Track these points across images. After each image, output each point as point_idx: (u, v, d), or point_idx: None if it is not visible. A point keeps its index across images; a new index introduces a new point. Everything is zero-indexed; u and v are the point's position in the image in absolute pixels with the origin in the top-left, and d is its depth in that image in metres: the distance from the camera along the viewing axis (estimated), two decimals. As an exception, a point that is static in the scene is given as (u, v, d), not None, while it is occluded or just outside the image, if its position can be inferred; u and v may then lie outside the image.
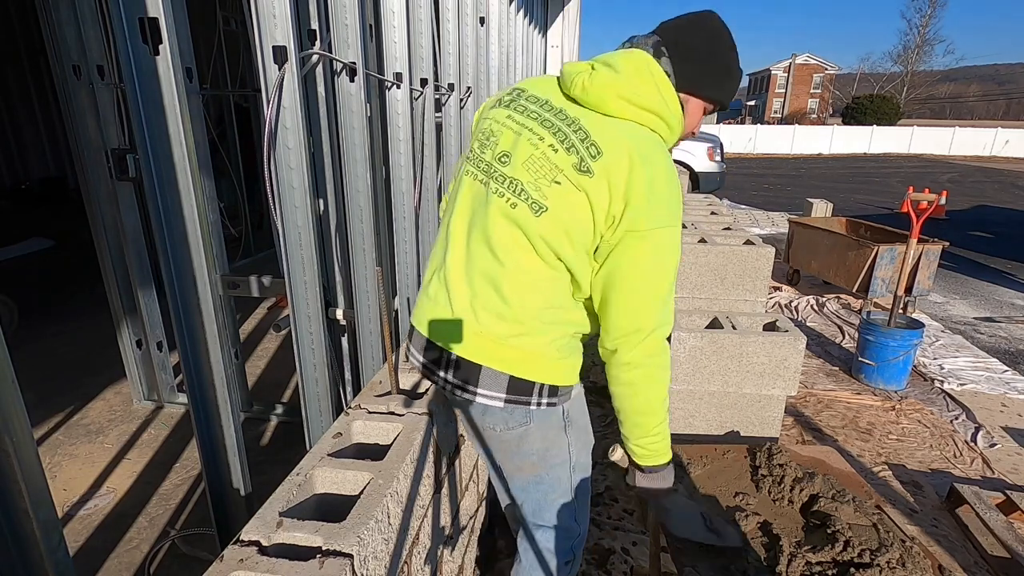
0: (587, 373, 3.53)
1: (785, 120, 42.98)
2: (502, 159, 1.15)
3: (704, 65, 1.16)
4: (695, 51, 1.14)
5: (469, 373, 1.17)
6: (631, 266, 1.09)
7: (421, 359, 1.25)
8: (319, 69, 1.86)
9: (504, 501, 1.47)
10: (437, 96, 2.83)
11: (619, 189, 1.05)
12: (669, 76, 1.13)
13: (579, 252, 1.12)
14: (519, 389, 1.17)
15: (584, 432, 1.34)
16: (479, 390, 1.18)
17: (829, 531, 1.29)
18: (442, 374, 1.21)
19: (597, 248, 1.12)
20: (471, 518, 1.93)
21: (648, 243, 1.07)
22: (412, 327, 1.29)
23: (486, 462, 1.38)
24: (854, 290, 4.59)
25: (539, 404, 1.19)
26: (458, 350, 1.17)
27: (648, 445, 1.20)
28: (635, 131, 1.10)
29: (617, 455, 1.30)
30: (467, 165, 1.23)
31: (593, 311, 1.21)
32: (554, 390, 1.20)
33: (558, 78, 1.19)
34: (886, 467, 2.64)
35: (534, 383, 1.18)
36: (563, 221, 1.09)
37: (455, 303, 1.17)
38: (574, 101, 1.14)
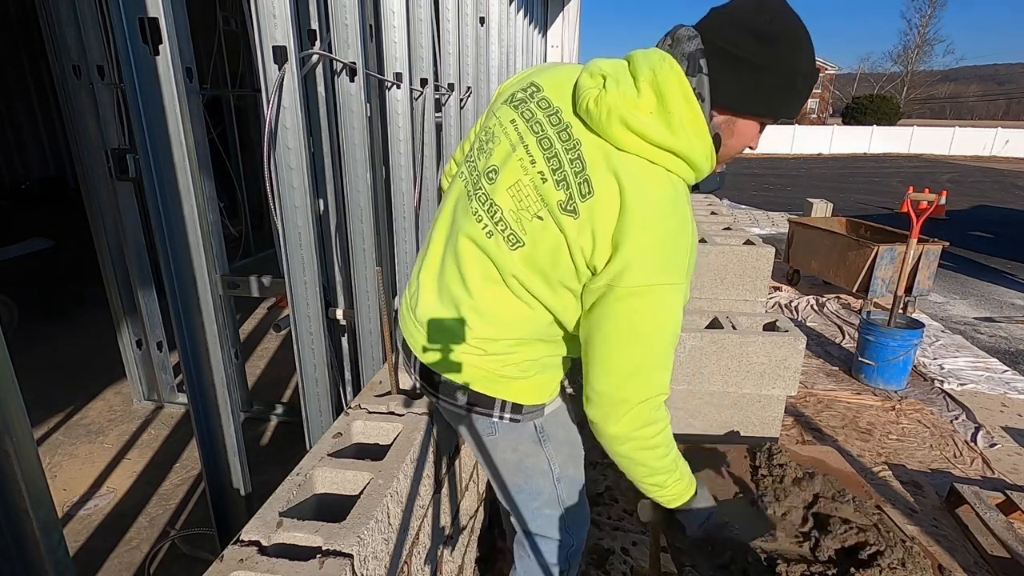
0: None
1: (785, 120, 42.87)
2: (489, 175, 1.03)
3: (758, 79, 0.91)
4: (746, 62, 0.90)
5: (431, 378, 1.15)
6: (618, 325, 0.94)
7: (416, 377, 1.22)
8: (319, 69, 1.86)
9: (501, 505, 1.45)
10: (437, 96, 2.83)
11: (605, 237, 0.91)
12: (702, 101, 0.91)
13: (559, 292, 1.00)
14: (479, 401, 1.12)
15: (568, 445, 1.24)
16: (441, 396, 1.15)
17: (829, 531, 1.29)
18: (415, 374, 1.20)
19: (582, 293, 0.99)
20: (471, 518, 1.93)
21: (642, 301, 0.91)
22: (403, 339, 1.27)
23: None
24: (854, 290, 4.59)
25: (501, 418, 1.12)
26: (419, 355, 1.14)
27: (670, 493, 1.11)
28: (638, 170, 0.92)
29: (646, 514, 1.22)
30: (464, 164, 1.14)
31: (570, 342, 1.11)
32: (518, 408, 1.12)
33: (583, 71, 1.00)
34: (886, 467, 2.64)
35: (494, 399, 1.11)
36: (539, 261, 0.98)
37: (420, 313, 1.13)
38: (576, 114, 0.97)
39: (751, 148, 1.04)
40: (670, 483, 1.09)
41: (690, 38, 0.92)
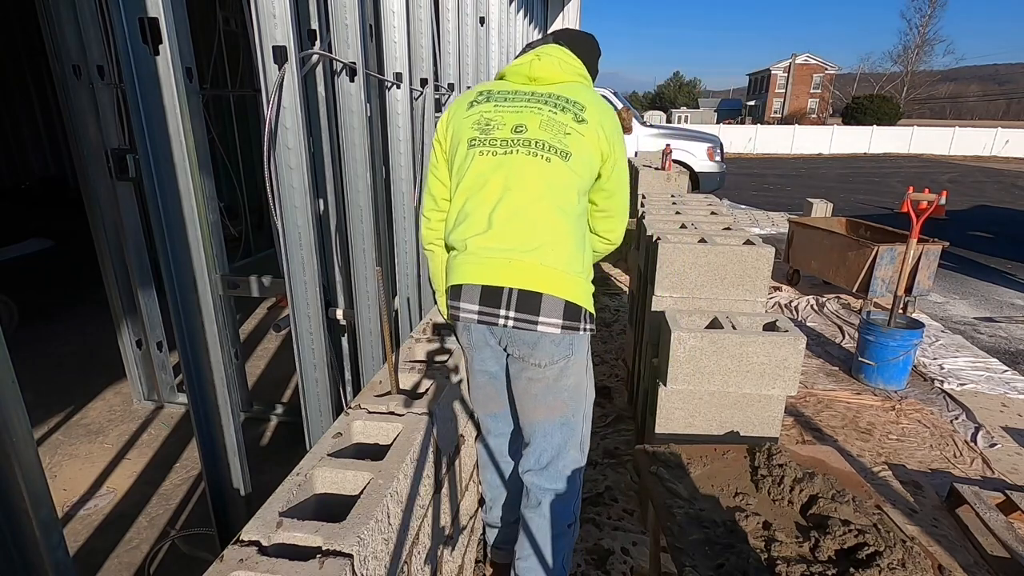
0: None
1: (785, 120, 42.96)
2: (518, 130, 1.41)
3: (582, 50, 1.59)
4: (578, 42, 1.60)
5: (531, 304, 1.34)
6: (624, 181, 1.53)
7: (476, 308, 1.38)
8: (319, 69, 1.86)
9: (507, 470, 1.71)
10: (437, 96, 2.83)
11: (604, 129, 1.43)
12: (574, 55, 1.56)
13: (593, 177, 1.46)
14: (571, 314, 1.36)
15: (592, 378, 1.58)
16: (541, 318, 1.35)
17: (829, 531, 1.29)
18: (503, 312, 1.36)
19: (599, 174, 1.47)
20: (471, 518, 1.93)
21: (624, 163, 1.51)
22: (459, 285, 1.41)
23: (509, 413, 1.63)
24: (854, 290, 4.59)
25: (584, 329, 1.40)
26: (521, 284, 1.34)
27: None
28: (587, 87, 1.52)
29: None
30: (474, 152, 1.42)
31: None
32: (591, 316, 1.42)
33: (501, 78, 1.56)
34: (886, 467, 2.64)
35: (581, 308, 1.38)
36: (583, 159, 1.40)
37: (513, 248, 1.35)
38: (533, 81, 1.48)
39: None
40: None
41: (545, 40, 1.59)
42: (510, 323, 1.36)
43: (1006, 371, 3.71)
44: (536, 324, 1.34)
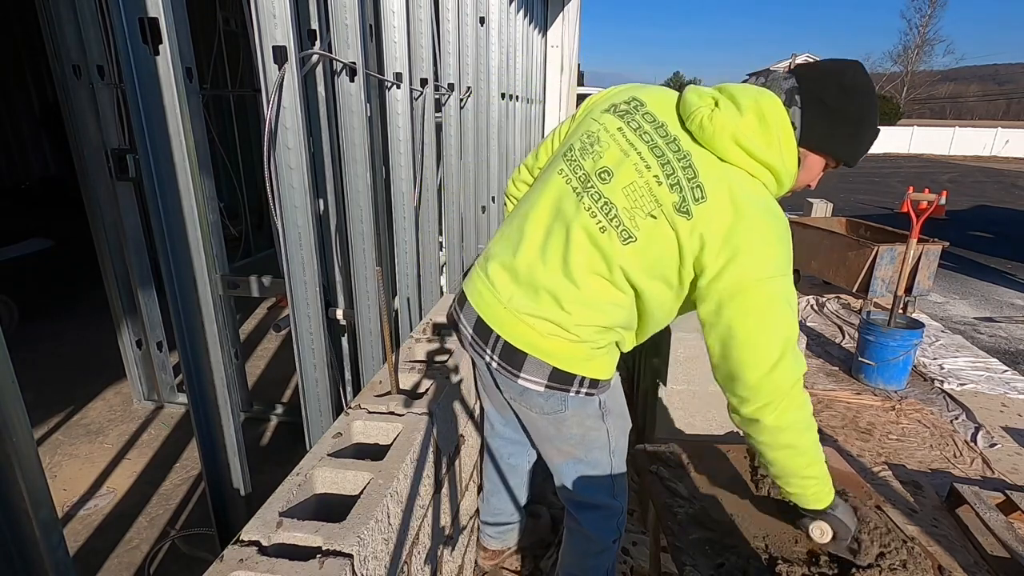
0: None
1: (785, 120, 42.83)
2: (602, 175, 1.15)
3: (836, 124, 1.10)
4: (830, 108, 1.08)
5: (514, 358, 1.24)
6: (760, 316, 1.04)
7: (470, 333, 1.32)
8: (319, 69, 1.86)
9: (507, 471, 1.68)
10: (437, 96, 2.83)
11: (717, 238, 1.04)
12: (795, 128, 1.09)
13: (655, 285, 1.15)
14: (560, 379, 1.24)
15: (621, 418, 1.41)
16: (522, 374, 1.25)
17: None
18: (489, 352, 1.28)
19: (689, 294, 1.14)
20: (471, 518, 1.93)
21: (774, 290, 1.04)
22: (464, 296, 1.35)
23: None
24: (854, 290, 4.59)
25: (577, 392, 1.26)
26: (508, 336, 1.24)
27: (825, 487, 1.17)
28: (743, 181, 1.08)
29: (816, 535, 1.20)
30: (562, 162, 1.23)
31: (641, 328, 1.30)
32: (594, 383, 1.27)
33: (678, 101, 1.16)
34: (886, 467, 2.64)
35: (575, 375, 1.24)
36: (649, 256, 1.11)
37: (515, 299, 1.23)
38: (690, 133, 1.12)
39: (810, 187, 1.23)
40: (823, 473, 1.15)
41: (786, 78, 1.11)
42: (494, 365, 1.28)
43: (1006, 371, 3.71)
44: (517, 378, 1.26)
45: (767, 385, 1.05)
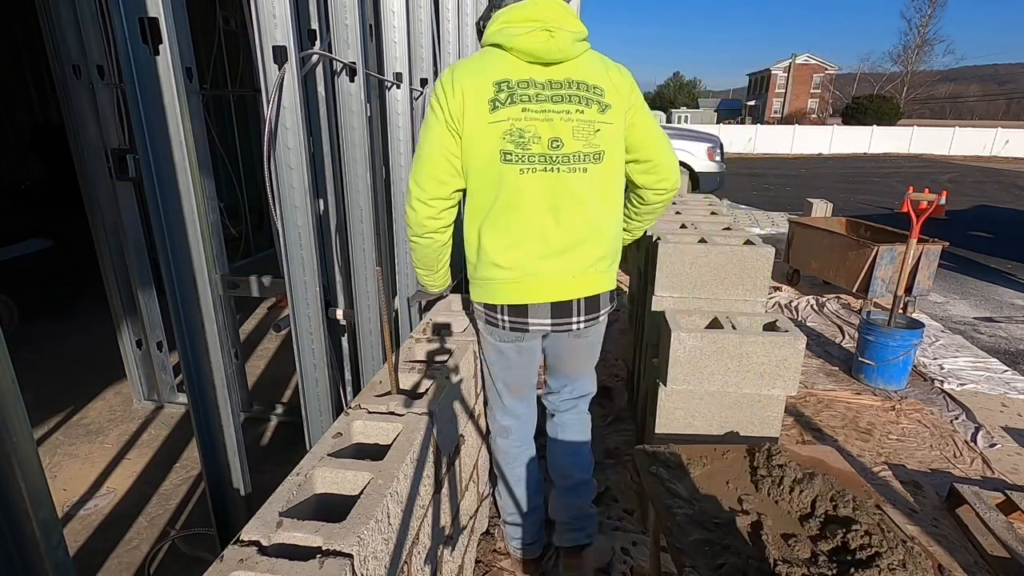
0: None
1: (785, 120, 42.94)
2: (554, 144, 1.41)
3: None
4: None
5: (594, 305, 1.58)
6: (653, 125, 1.56)
7: (549, 322, 1.56)
8: (319, 69, 1.86)
9: (531, 463, 1.86)
10: (437, 96, 2.83)
11: (624, 96, 1.47)
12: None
13: (622, 150, 1.52)
14: (612, 296, 1.65)
15: None
16: (601, 313, 1.61)
17: (829, 532, 1.29)
18: (575, 319, 1.57)
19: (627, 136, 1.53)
20: (471, 518, 1.93)
21: (647, 111, 1.56)
22: (524, 305, 1.53)
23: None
24: (854, 290, 4.59)
25: (612, 304, 1.66)
26: (586, 293, 1.55)
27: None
28: (594, 55, 1.49)
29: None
30: (510, 165, 1.41)
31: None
32: (615, 293, 1.67)
33: (498, 46, 1.42)
34: (886, 467, 2.64)
35: (612, 291, 1.64)
36: (614, 147, 1.47)
37: (575, 267, 1.51)
38: (547, 64, 1.40)
39: None
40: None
41: None
42: (582, 326, 1.59)
43: (1006, 371, 3.71)
44: (598, 317, 1.61)
45: (673, 160, 1.61)
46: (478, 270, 1.55)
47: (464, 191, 1.52)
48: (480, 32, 1.55)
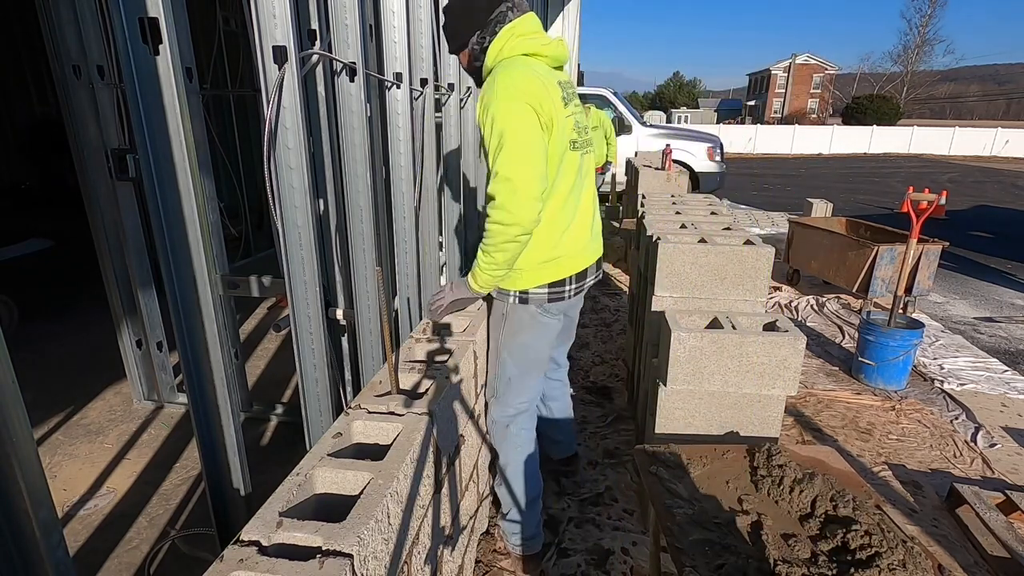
0: (587, 373, 3.53)
1: (785, 120, 42.95)
2: (583, 130, 1.76)
3: None
4: None
5: (601, 263, 1.94)
6: None
7: (586, 281, 1.85)
8: (319, 69, 1.85)
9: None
10: (437, 96, 2.83)
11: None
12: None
13: None
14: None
15: None
16: (600, 272, 1.95)
17: (829, 532, 1.29)
18: (593, 275, 1.88)
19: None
20: (471, 518, 1.93)
21: None
22: (583, 270, 1.80)
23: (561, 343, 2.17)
24: (854, 290, 4.59)
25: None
26: (599, 254, 1.90)
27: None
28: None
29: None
30: (575, 152, 1.69)
31: None
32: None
33: (534, 55, 1.63)
34: (886, 467, 2.64)
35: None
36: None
37: (595, 233, 1.85)
38: (559, 68, 1.73)
39: None
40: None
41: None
42: (600, 277, 1.95)
43: (1006, 371, 3.71)
44: (600, 274, 1.95)
45: None
46: (542, 253, 1.68)
47: None
48: (475, 46, 1.64)
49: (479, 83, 1.71)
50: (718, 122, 37.04)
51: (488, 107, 1.50)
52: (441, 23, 1.77)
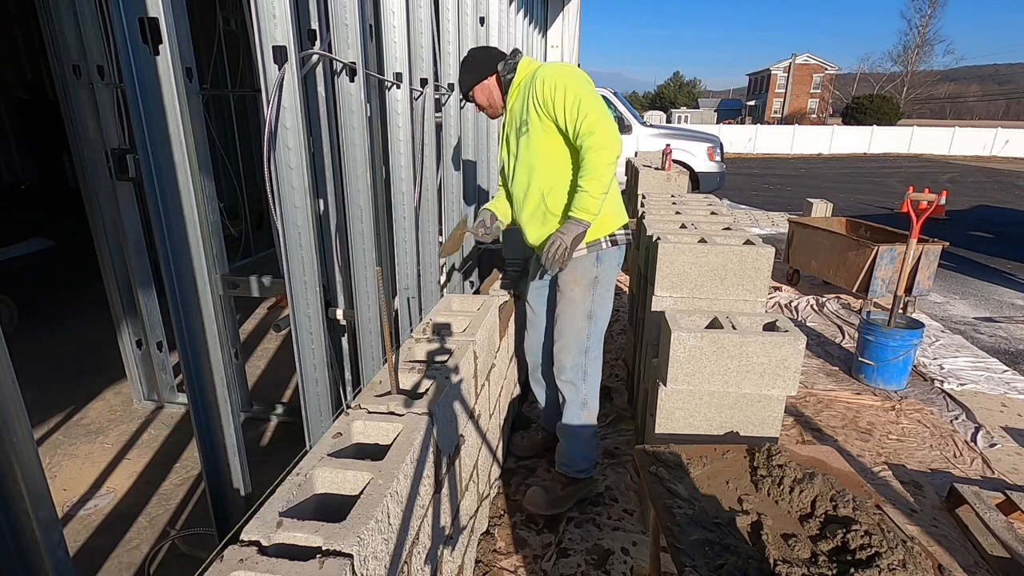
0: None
1: (785, 120, 42.96)
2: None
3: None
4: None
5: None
6: None
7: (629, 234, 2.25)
8: (319, 69, 1.85)
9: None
10: (437, 96, 2.83)
11: None
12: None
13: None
14: None
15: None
16: None
17: (829, 532, 1.29)
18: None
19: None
20: (471, 518, 1.93)
21: None
22: (627, 223, 2.22)
23: None
24: (854, 290, 4.59)
25: None
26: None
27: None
28: None
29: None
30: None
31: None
32: None
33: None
34: (886, 467, 2.64)
35: None
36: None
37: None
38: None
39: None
40: None
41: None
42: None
43: (1006, 371, 3.71)
44: None
45: None
46: (612, 203, 2.11)
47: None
48: (501, 73, 2.13)
49: (502, 99, 2.19)
50: (718, 122, 37.05)
51: (556, 84, 1.91)
52: (458, 76, 2.27)
